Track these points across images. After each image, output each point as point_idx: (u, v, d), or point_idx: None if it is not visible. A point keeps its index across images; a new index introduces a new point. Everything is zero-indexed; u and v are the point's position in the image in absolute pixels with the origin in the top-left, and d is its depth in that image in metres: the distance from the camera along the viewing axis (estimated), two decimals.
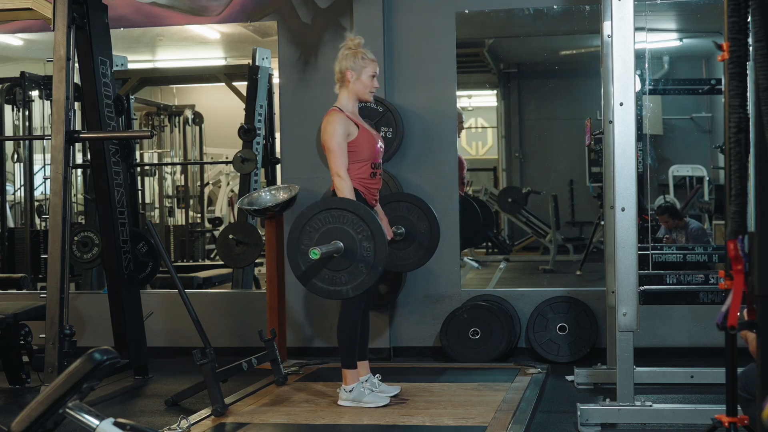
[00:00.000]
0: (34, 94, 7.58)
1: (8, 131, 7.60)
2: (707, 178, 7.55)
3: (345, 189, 4.23)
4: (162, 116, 9.36)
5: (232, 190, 10.04)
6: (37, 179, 7.55)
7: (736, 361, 2.44)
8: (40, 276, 7.03)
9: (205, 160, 9.81)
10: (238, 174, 6.89)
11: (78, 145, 5.45)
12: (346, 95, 4.43)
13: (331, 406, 4.41)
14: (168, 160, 9.50)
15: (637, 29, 4.13)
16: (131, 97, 7.39)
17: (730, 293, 2.21)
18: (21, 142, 7.64)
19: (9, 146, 7.71)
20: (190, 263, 8.69)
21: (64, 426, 2.66)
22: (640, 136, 6.14)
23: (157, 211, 9.44)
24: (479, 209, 6.41)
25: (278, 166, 6.93)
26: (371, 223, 4.02)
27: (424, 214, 4.88)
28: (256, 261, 6.84)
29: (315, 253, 3.85)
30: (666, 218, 6.64)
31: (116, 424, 2.46)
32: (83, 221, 7.63)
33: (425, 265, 5.60)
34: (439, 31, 5.87)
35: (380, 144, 4.47)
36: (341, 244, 4.01)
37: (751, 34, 2.17)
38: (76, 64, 4.97)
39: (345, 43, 4.45)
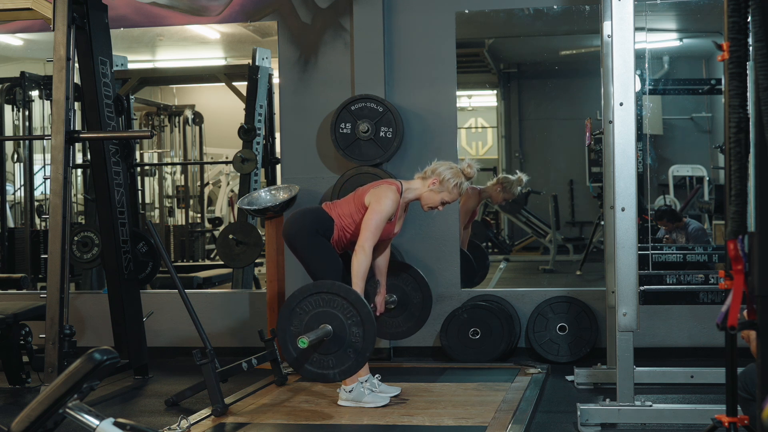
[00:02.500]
0: (34, 94, 7.58)
1: (8, 131, 7.60)
2: (707, 178, 7.55)
3: (363, 265, 4.21)
4: (162, 116, 9.36)
5: (232, 190, 10.04)
6: (37, 179, 7.55)
7: (736, 361, 2.44)
8: (40, 276, 7.03)
9: (205, 160, 9.81)
10: (238, 174, 6.89)
11: (78, 145, 5.45)
12: (417, 189, 4.43)
13: (331, 406, 4.41)
14: (168, 160, 9.50)
15: (637, 29, 4.13)
16: (131, 97, 7.39)
17: (730, 293, 2.21)
18: (21, 142, 7.64)
19: (9, 146, 7.71)
20: (190, 263, 8.69)
21: (64, 426, 2.66)
22: (640, 136, 6.14)
23: (157, 211, 9.45)
24: (473, 258, 6.37)
25: (278, 166, 6.93)
26: (361, 310, 4.00)
27: (419, 285, 4.88)
28: (256, 261, 6.84)
29: (303, 342, 3.84)
30: (665, 222, 6.65)
31: (116, 424, 2.46)
32: (83, 221, 7.63)
33: (425, 265, 5.61)
34: (439, 31, 5.87)
35: (390, 237, 4.49)
36: (330, 328, 3.99)
37: (751, 34, 2.17)
38: (76, 64, 4.97)
39: (465, 163, 4.42)
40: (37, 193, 7.75)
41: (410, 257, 5.79)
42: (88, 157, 5.63)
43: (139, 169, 8.33)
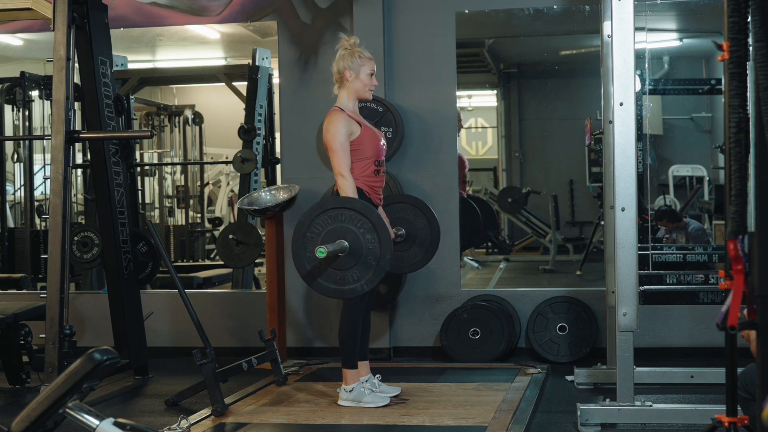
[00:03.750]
0: (34, 94, 7.58)
1: (8, 131, 7.60)
2: (707, 178, 7.55)
3: (348, 188, 4.22)
4: (162, 116, 9.36)
5: (232, 190, 10.04)
6: (37, 179, 7.55)
7: (736, 361, 2.44)
8: (40, 276, 7.03)
9: (205, 160, 9.81)
10: (238, 174, 6.89)
11: (78, 145, 5.45)
12: (346, 95, 4.43)
13: (331, 406, 4.41)
14: (168, 160, 9.50)
15: (637, 29, 4.13)
16: (131, 97, 7.39)
17: (730, 293, 2.21)
18: (21, 142, 7.65)
19: (9, 146, 7.71)
20: (190, 263, 8.70)
21: (64, 426, 2.66)
22: (640, 136, 6.14)
23: (157, 211, 9.45)
24: (479, 210, 6.40)
25: (278, 166, 6.93)
26: (371, 216, 4.02)
27: (422, 212, 4.89)
28: (256, 261, 6.84)
29: (321, 252, 3.85)
30: (665, 222, 6.65)
31: (116, 424, 2.46)
32: (83, 221, 7.63)
33: (425, 265, 5.60)
34: (439, 31, 5.87)
35: (383, 141, 4.48)
36: (346, 243, 4.01)
37: (751, 34, 2.17)
38: (76, 64, 4.97)
39: (341, 43, 4.45)
40: (37, 193, 7.75)
41: None
42: (88, 157, 5.63)
43: (139, 169, 8.34)
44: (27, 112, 7.50)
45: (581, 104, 8.12)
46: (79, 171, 7.65)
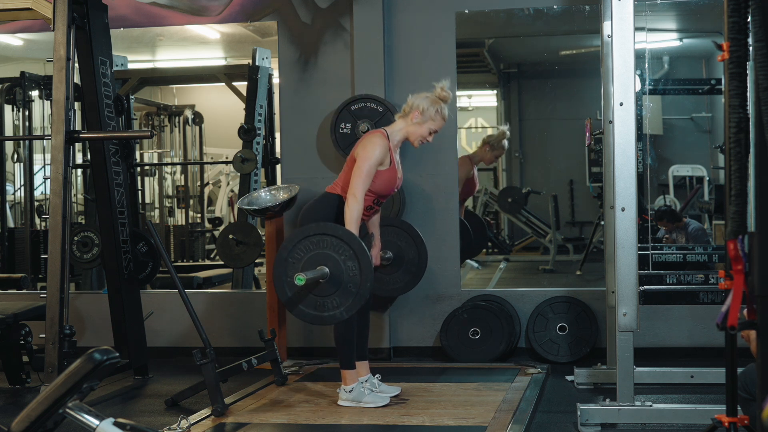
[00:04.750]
0: (34, 94, 7.58)
1: (8, 131, 7.60)
2: (707, 178, 7.55)
3: (355, 212, 4.21)
4: (162, 116, 9.36)
5: (232, 190, 10.04)
6: (37, 179, 7.55)
7: (736, 361, 2.44)
8: (40, 276, 7.03)
9: (205, 160, 9.81)
10: (238, 174, 6.89)
11: (78, 145, 5.45)
12: (401, 128, 4.43)
13: (331, 406, 4.41)
14: (168, 160, 9.50)
15: (637, 29, 4.13)
16: (131, 97, 7.39)
17: (730, 293, 2.21)
18: (21, 142, 7.64)
19: (9, 146, 7.71)
20: (190, 263, 8.69)
21: (64, 426, 2.66)
22: (640, 136, 6.14)
23: (157, 211, 9.45)
24: (471, 228, 6.38)
25: (278, 166, 6.93)
26: (352, 243, 4.01)
27: (413, 239, 4.91)
28: (256, 261, 6.84)
29: (300, 279, 3.84)
30: (665, 222, 6.65)
31: (116, 424, 2.46)
32: (83, 221, 7.63)
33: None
34: (439, 31, 5.87)
35: (398, 184, 4.49)
36: (326, 269, 4.01)
37: (751, 34, 2.17)
38: (76, 64, 4.97)
39: (439, 87, 4.40)
40: (37, 193, 7.75)
41: None
42: (88, 157, 5.63)
43: (139, 169, 8.34)
44: (27, 112, 7.50)
45: (581, 104, 8.11)
46: (79, 171, 7.65)
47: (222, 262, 7.05)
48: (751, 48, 2.17)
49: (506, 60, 8.99)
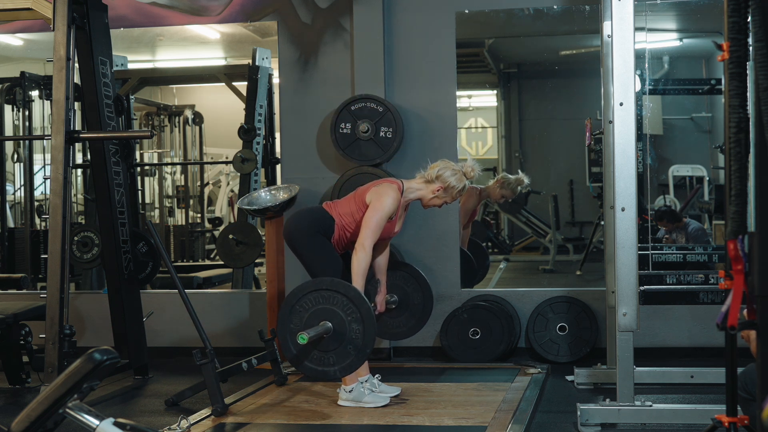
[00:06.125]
0: (34, 94, 7.58)
1: (8, 131, 7.60)
2: (707, 178, 7.55)
3: (363, 263, 4.22)
4: (162, 116, 9.35)
5: (232, 190, 10.04)
6: (37, 179, 7.55)
7: (736, 361, 2.44)
8: (40, 276, 7.03)
9: (205, 160, 9.81)
10: (238, 174, 6.89)
11: (78, 145, 5.45)
12: (418, 190, 4.46)
13: (331, 406, 4.41)
14: (168, 160, 9.50)
15: (637, 29, 4.13)
16: (131, 97, 7.39)
17: (730, 293, 2.21)
18: (21, 142, 7.64)
19: (9, 146, 7.71)
20: (190, 263, 8.69)
21: (64, 426, 2.66)
22: (640, 136, 6.14)
23: (157, 211, 9.44)
24: (473, 257, 6.37)
25: (278, 166, 6.93)
26: (361, 306, 4.00)
27: (419, 285, 4.88)
28: (256, 261, 6.84)
29: (303, 338, 3.84)
30: (665, 223, 6.65)
31: (116, 424, 2.46)
32: (83, 221, 7.62)
33: (425, 265, 5.61)
34: (439, 31, 5.87)
35: (391, 235, 4.50)
36: (330, 325, 4.00)
37: (751, 34, 2.17)
38: (76, 64, 4.97)
39: (469, 165, 4.44)
40: (37, 193, 7.75)
41: (410, 257, 5.79)
42: (88, 157, 5.62)
43: (139, 169, 8.33)
44: (27, 112, 7.50)
45: (581, 104, 8.10)
46: (79, 171, 7.65)
47: (222, 262, 7.05)
48: (751, 48, 2.17)
49: (506, 60, 8.99)
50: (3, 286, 6.64)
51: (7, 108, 7.54)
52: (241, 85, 7.33)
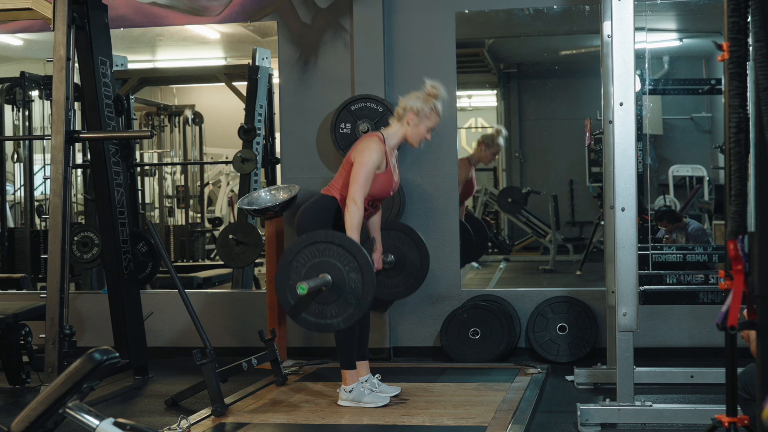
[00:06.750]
0: (34, 94, 7.58)
1: (8, 131, 7.60)
2: (707, 178, 7.55)
3: (355, 218, 4.21)
4: (162, 116, 9.35)
5: (232, 190, 10.04)
6: (37, 179, 7.55)
7: (736, 361, 2.44)
8: (40, 276, 7.03)
9: (205, 160, 9.81)
10: (238, 174, 6.89)
11: (78, 145, 5.45)
12: (397, 131, 4.43)
13: (331, 406, 4.41)
14: (168, 160, 9.50)
15: (637, 29, 4.13)
16: (131, 97, 7.39)
17: (730, 293, 2.21)
18: (21, 142, 7.64)
19: (9, 146, 7.71)
20: (190, 263, 8.69)
21: (64, 426, 2.66)
22: (640, 136, 6.14)
23: (157, 211, 9.44)
24: (471, 231, 6.38)
25: (278, 166, 6.93)
26: (357, 255, 4.00)
27: (415, 243, 4.91)
28: (256, 261, 6.84)
29: (303, 288, 3.84)
30: (665, 223, 6.65)
31: (116, 424, 2.46)
32: (83, 221, 7.63)
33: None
34: (439, 31, 5.87)
35: (394, 188, 4.48)
36: (329, 277, 4.00)
37: (751, 34, 2.17)
38: (76, 64, 4.97)
39: (428, 85, 4.43)
40: (37, 193, 7.75)
41: None
42: (88, 157, 5.63)
43: (139, 169, 8.34)
44: (27, 112, 7.50)
45: (581, 104, 8.11)
46: (79, 171, 7.65)
47: (222, 262, 7.05)
48: (751, 48, 2.17)
49: (506, 60, 8.99)
50: (3, 286, 6.64)
51: (7, 108, 7.54)
52: (241, 85, 7.33)
